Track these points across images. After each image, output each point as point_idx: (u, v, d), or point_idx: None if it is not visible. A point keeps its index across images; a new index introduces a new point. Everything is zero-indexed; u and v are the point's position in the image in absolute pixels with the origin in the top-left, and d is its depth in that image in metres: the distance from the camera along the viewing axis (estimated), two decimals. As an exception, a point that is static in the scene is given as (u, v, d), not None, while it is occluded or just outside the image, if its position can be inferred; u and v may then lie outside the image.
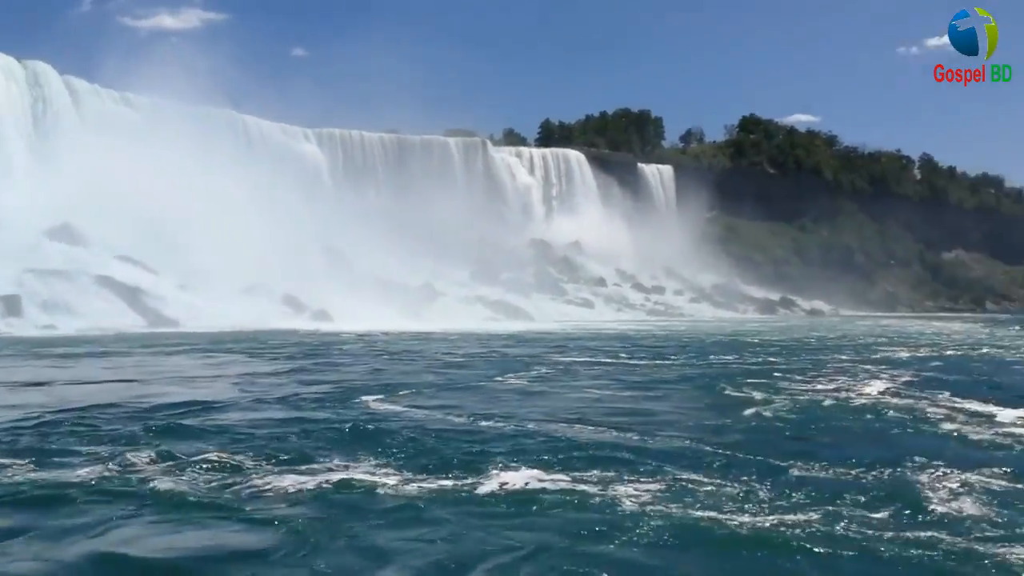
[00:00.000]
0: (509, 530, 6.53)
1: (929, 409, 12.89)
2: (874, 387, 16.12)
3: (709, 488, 7.71)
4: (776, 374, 18.54)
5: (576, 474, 8.19)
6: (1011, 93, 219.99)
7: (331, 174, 74.32)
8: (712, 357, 24.52)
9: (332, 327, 38.57)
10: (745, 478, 8.07)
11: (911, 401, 13.97)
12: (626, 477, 8.07)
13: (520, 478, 8.00)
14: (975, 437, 10.68)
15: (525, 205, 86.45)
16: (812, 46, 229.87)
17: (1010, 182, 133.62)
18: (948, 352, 28.47)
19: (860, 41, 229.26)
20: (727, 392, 15.16)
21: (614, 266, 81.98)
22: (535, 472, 8.22)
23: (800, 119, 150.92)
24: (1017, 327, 52.02)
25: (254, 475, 7.98)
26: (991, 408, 12.90)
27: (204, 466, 8.29)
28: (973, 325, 55.74)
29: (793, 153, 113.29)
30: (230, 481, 7.80)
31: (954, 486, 7.85)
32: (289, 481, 7.75)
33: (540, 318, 56.11)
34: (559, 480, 7.95)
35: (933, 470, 8.46)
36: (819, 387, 16.08)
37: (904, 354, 26.56)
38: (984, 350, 29.63)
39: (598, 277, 77.06)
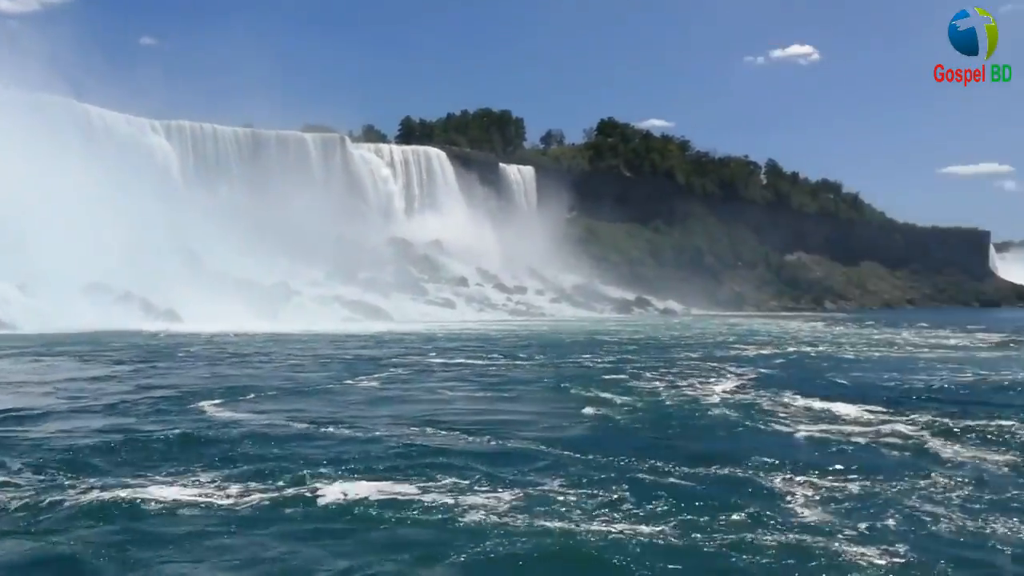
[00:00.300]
0: (343, 548, 6.04)
1: (775, 408, 13.21)
2: (723, 385, 16.47)
3: (562, 496, 7.47)
4: (631, 373, 18.73)
5: (424, 483, 7.80)
6: (848, 102, 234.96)
7: (181, 169, 70.92)
8: (570, 357, 24.67)
9: (181, 328, 36.97)
10: (599, 484, 7.87)
11: (758, 399, 14.32)
12: (477, 487, 7.75)
13: (362, 489, 7.52)
14: (819, 436, 10.99)
15: (385, 203, 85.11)
16: (666, 53, 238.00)
17: (847, 187, 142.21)
18: (791, 349, 29.72)
19: (711, 50, 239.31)
20: (583, 393, 15.13)
21: (476, 266, 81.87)
22: (380, 484, 7.74)
23: (655, 124, 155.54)
24: (854, 325, 55.09)
25: (50, 493, 7.14)
26: (831, 405, 13.37)
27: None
28: (814, 323, 58.67)
29: (648, 157, 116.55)
30: (23, 500, 6.93)
31: (805, 490, 7.93)
32: (92, 497, 7.00)
33: (400, 318, 55.30)
34: (405, 491, 7.52)
35: (782, 471, 8.55)
36: (671, 386, 16.31)
37: (751, 352, 27.52)
38: (823, 348, 31.09)
39: (460, 277, 76.76)
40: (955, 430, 11.42)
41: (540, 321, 59.59)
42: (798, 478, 8.33)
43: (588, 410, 12.96)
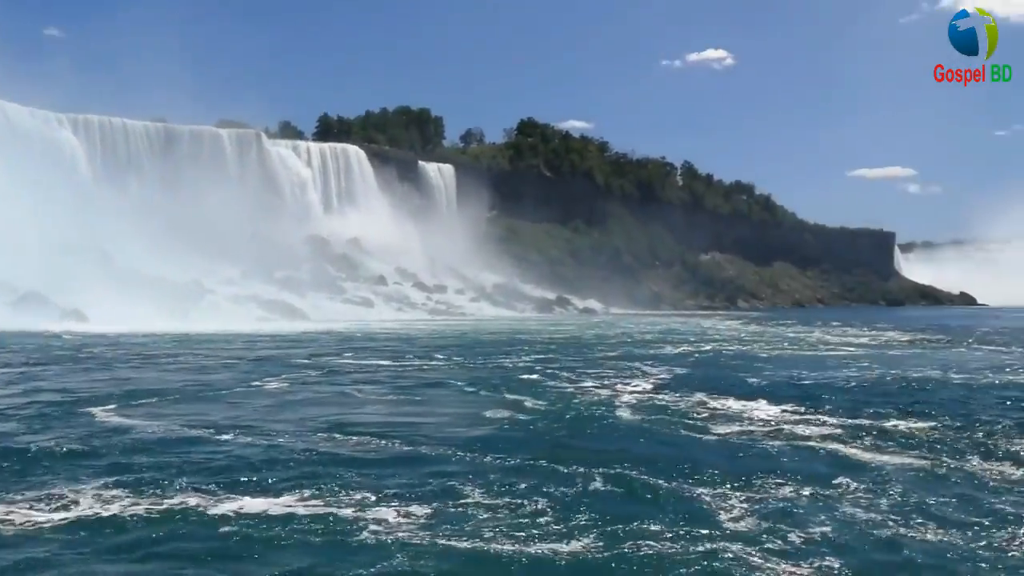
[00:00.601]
0: (233, 570, 5.48)
1: (693, 409, 13.01)
2: (641, 385, 16.30)
3: (475, 510, 6.96)
4: (548, 374, 18.44)
5: (327, 496, 7.25)
6: (761, 106, 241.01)
7: (90, 164, 68.05)
8: (488, 358, 24.22)
9: (87, 329, 35.36)
10: (515, 495, 7.40)
11: (676, 400, 14.14)
12: (384, 500, 7.22)
13: (259, 504, 6.94)
14: (738, 440, 10.73)
15: (302, 201, 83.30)
16: (585, 55, 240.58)
17: (760, 189, 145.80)
18: (706, 348, 29.95)
19: (629, 53, 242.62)
20: (499, 395, 14.76)
21: (395, 265, 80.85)
22: (278, 498, 7.17)
23: (574, 125, 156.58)
24: (768, 324, 56.15)
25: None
26: (748, 405, 13.28)
27: None
28: (729, 322, 59.55)
29: (568, 157, 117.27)
30: None
31: (728, 498, 7.54)
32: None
33: (317, 318, 54.14)
34: (306, 504, 6.97)
35: (703, 478, 8.21)
36: (589, 387, 16.02)
37: (668, 350, 27.60)
38: (738, 346, 31.36)
39: (378, 275, 75.64)
40: (872, 431, 11.33)
41: (460, 321, 59.12)
42: (720, 486, 8.02)
43: (504, 413, 12.53)
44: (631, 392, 15.40)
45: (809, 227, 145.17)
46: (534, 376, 17.63)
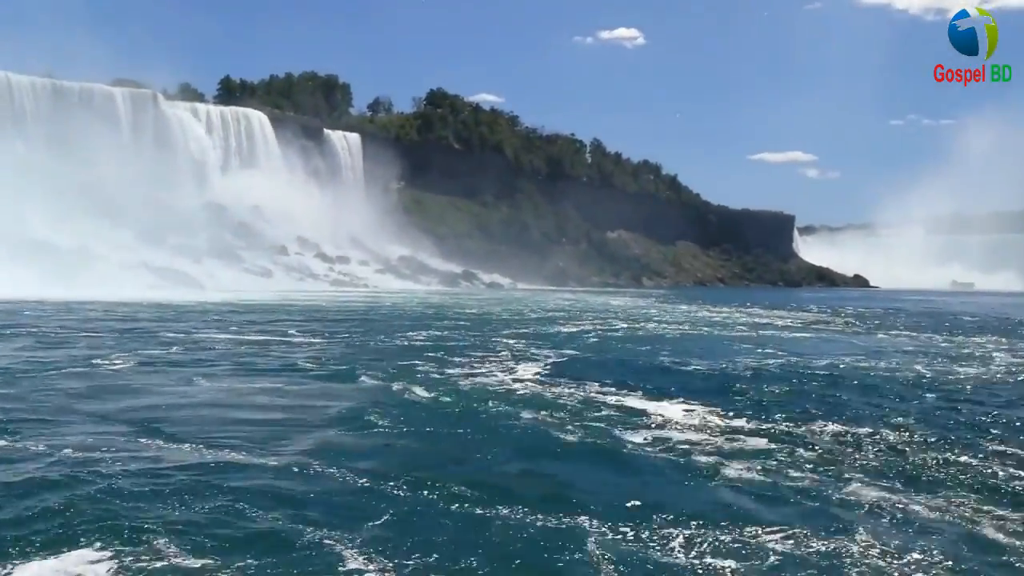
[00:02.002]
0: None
1: (590, 405, 11.73)
2: (533, 369, 15.22)
3: (316, 554, 5.71)
4: (435, 356, 16.95)
5: (98, 546, 5.57)
6: (669, 87, 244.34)
7: (-33, 119, 64.01)
8: (379, 335, 22.87)
9: (-53, 294, 32.94)
10: (380, 514, 6.49)
11: (568, 392, 12.76)
12: (180, 548, 5.61)
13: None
14: (629, 451, 9.24)
15: (200, 165, 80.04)
16: (497, 28, 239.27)
17: (666, 170, 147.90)
18: (610, 328, 29.00)
19: (542, 28, 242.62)
20: (375, 382, 13.18)
21: (297, 234, 78.75)
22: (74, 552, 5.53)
23: (485, 98, 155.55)
24: (673, 302, 56.71)
25: None
26: (652, 404, 11.94)
27: None
28: (636, 300, 59.99)
29: (477, 130, 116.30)
30: None
31: (618, 531, 6.39)
32: None
33: (212, 287, 52.28)
34: (71, 563, 5.41)
35: (601, 502, 7.03)
36: (477, 373, 14.52)
37: (569, 329, 27.02)
38: (642, 325, 30.76)
39: (279, 245, 73.53)
40: (810, 442, 10.02)
41: (362, 293, 57.99)
42: (624, 518, 6.78)
43: (375, 408, 10.99)
44: (522, 379, 14.04)
45: (713, 208, 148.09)
46: (418, 359, 16.28)
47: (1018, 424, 11.45)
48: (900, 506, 7.42)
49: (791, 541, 6.35)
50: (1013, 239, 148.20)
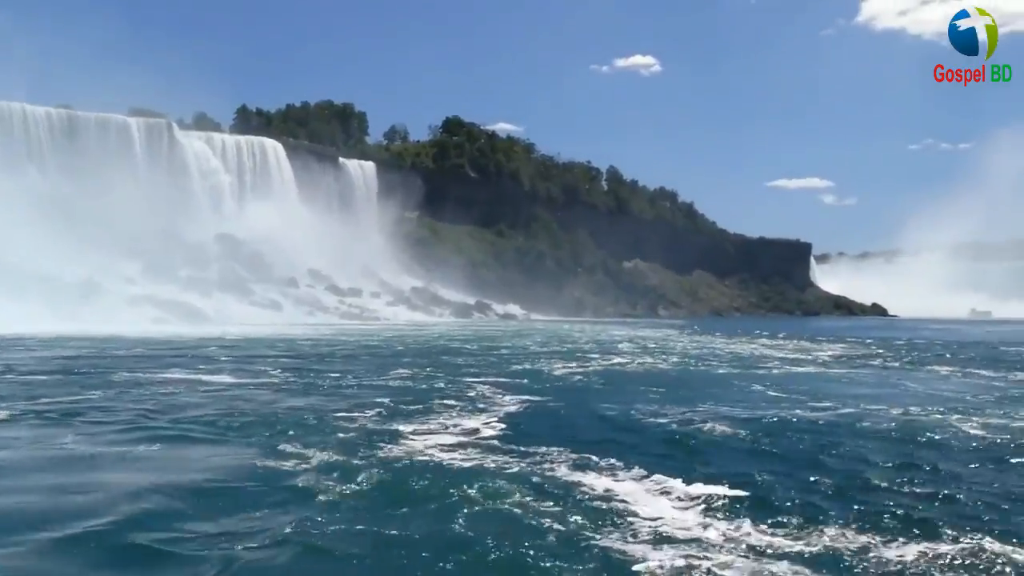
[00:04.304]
0: None
1: (546, 493, 8.47)
2: (486, 428, 12.46)
3: None
4: (386, 406, 14.34)
5: None
6: (686, 114, 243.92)
7: (-16, 150, 64.32)
8: (353, 373, 20.69)
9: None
10: None
11: (528, 466, 9.70)
12: None
13: None
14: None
15: (214, 196, 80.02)
16: (515, 57, 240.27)
17: (682, 197, 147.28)
18: (608, 364, 26.02)
19: (558, 57, 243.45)
20: (289, 446, 10.50)
21: (308, 265, 78.31)
22: None
23: (504, 127, 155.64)
24: (690, 334, 53.32)
25: None
26: (635, 489, 8.72)
27: None
28: (654, 331, 56.81)
29: (494, 158, 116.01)
30: None
31: None
32: None
33: (220, 320, 51.72)
34: None
35: None
36: (419, 434, 11.68)
37: (554, 369, 23.84)
38: (647, 359, 27.27)
39: (289, 277, 73.07)
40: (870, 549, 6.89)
41: (370, 326, 57.17)
42: None
43: (279, 481, 8.79)
44: (479, 444, 11.11)
45: (729, 236, 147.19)
46: (360, 413, 13.54)
47: None
48: None
49: None
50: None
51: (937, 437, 12.24)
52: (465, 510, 7.82)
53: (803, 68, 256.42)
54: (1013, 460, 10.73)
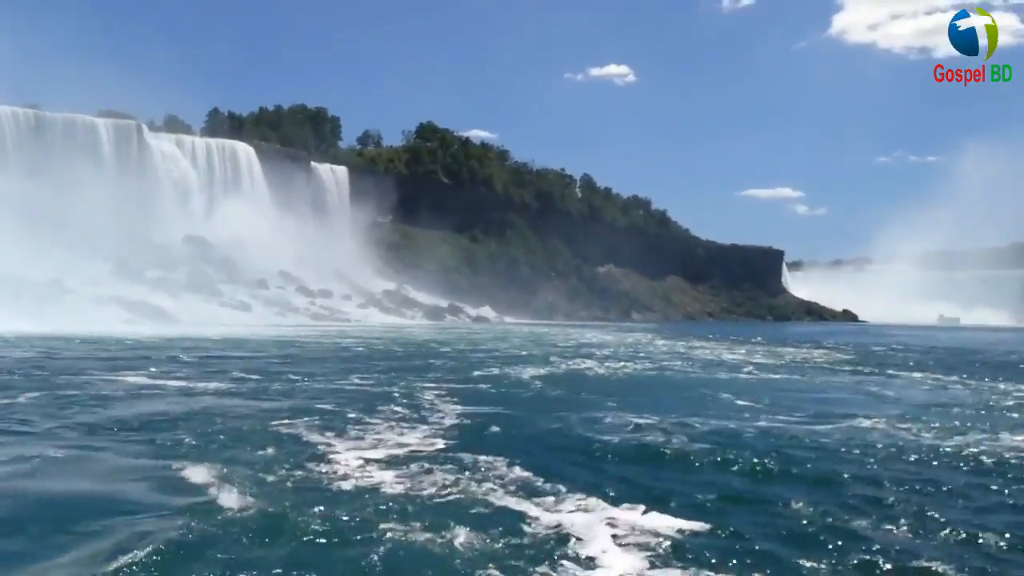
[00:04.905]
0: None
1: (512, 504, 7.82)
2: (426, 441, 10.98)
3: None
4: (329, 415, 13.10)
5: None
6: (659, 123, 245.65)
7: (-55, 149, 63.61)
8: (304, 378, 19.19)
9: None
10: None
11: (474, 485, 8.59)
12: None
13: None
14: None
15: (183, 198, 79.41)
16: (489, 65, 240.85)
17: (656, 205, 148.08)
18: (567, 367, 26.13)
19: (533, 64, 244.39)
20: (204, 462, 9.14)
21: (280, 268, 77.84)
22: None
23: (478, 134, 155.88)
24: (661, 336, 53.75)
25: None
26: (615, 513, 7.60)
27: None
28: (622, 335, 57.41)
29: (467, 164, 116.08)
30: None
31: None
32: None
33: (187, 321, 51.25)
34: None
35: None
36: (366, 449, 10.39)
37: (519, 373, 22.87)
38: (634, 366, 27.68)
39: (259, 279, 72.56)
40: None
41: (340, 327, 56.96)
42: None
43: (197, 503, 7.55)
44: (419, 459, 9.81)
45: (701, 243, 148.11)
46: (302, 419, 12.47)
47: None
48: None
49: None
50: (1000, 275, 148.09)
51: (916, 457, 10.79)
52: (381, 549, 6.50)
53: (775, 80, 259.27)
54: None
